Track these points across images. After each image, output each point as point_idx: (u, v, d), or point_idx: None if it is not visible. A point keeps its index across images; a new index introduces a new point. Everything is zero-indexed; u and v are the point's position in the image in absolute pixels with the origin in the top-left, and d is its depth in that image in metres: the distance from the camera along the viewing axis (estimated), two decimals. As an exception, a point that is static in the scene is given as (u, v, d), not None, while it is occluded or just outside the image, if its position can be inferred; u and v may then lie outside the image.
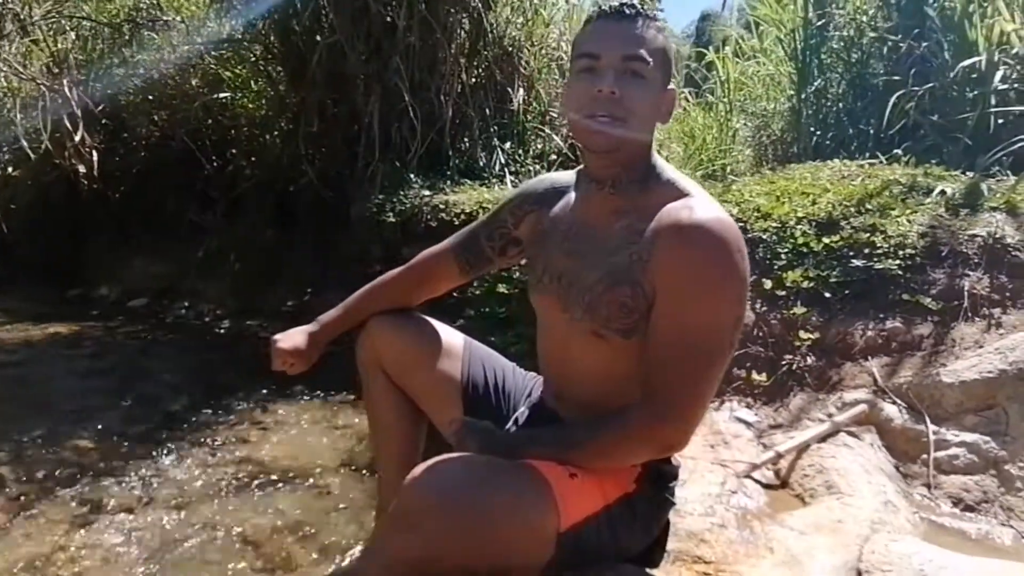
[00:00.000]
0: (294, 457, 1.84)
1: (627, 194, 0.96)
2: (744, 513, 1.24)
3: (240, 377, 2.51)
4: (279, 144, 3.60)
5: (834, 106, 3.84)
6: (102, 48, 3.99)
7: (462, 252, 1.21)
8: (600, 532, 0.95)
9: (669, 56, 0.95)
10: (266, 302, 3.39)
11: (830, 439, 1.47)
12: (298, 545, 1.44)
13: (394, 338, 1.19)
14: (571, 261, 1.00)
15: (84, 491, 1.63)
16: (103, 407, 2.21)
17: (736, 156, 4.61)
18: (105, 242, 4.16)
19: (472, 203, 2.78)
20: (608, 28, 0.93)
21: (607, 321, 0.95)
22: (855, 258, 1.82)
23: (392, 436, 1.26)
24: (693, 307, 0.88)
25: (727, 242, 0.87)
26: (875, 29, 3.61)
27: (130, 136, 4.11)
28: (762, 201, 2.09)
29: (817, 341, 1.71)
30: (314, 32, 3.21)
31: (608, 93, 0.89)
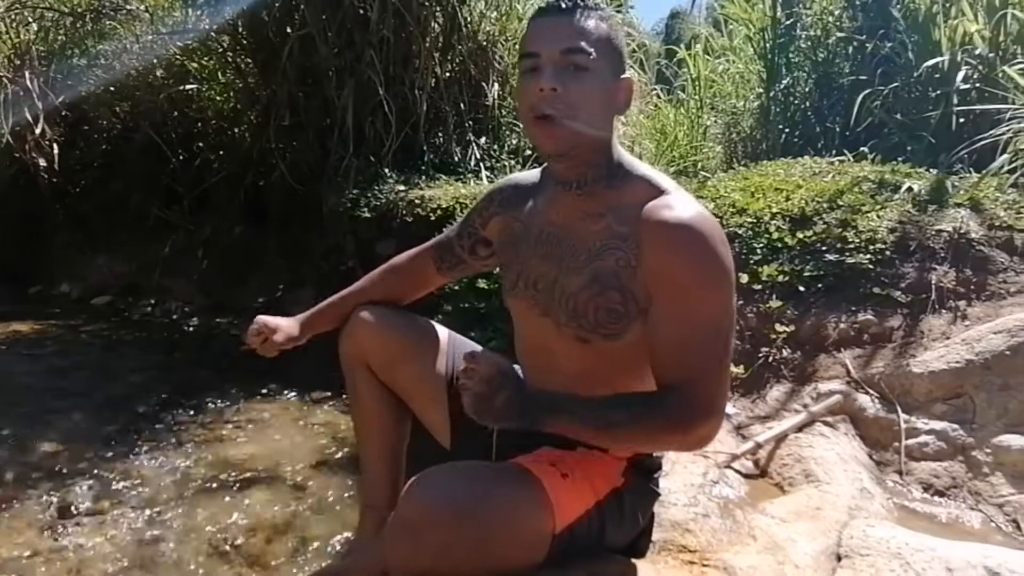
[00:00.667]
0: (269, 455, 1.81)
1: (596, 194, 0.95)
2: (726, 502, 1.26)
3: (211, 375, 2.46)
4: (248, 138, 3.51)
5: (802, 104, 3.93)
6: (64, 38, 3.84)
7: (437, 251, 1.22)
8: (591, 528, 0.96)
9: (617, 44, 0.93)
10: (236, 299, 3.32)
11: (806, 429, 1.51)
12: (275, 545, 1.42)
13: (378, 332, 1.18)
14: (547, 266, 0.99)
15: (52, 495, 1.58)
16: (69, 408, 2.13)
17: (707, 153, 4.68)
18: (66, 238, 4.02)
19: (448, 198, 2.76)
20: (546, 25, 0.91)
21: (595, 326, 0.95)
22: (828, 253, 1.86)
23: (377, 432, 1.24)
24: (697, 305, 0.88)
25: (713, 236, 0.88)
26: (841, 29, 3.70)
27: (91, 128, 3.97)
28: (737, 197, 2.12)
29: (792, 334, 1.75)
30: (285, 23, 3.15)
31: (549, 90, 0.88)
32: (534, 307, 1.01)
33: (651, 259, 0.89)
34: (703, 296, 0.88)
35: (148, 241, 3.69)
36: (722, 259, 0.88)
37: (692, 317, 0.88)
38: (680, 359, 0.88)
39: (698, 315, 0.87)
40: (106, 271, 3.79)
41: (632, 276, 0.91)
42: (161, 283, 3.54)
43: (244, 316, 3.19)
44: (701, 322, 0.87)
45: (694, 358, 0.87)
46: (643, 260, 0.90)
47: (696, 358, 0.87)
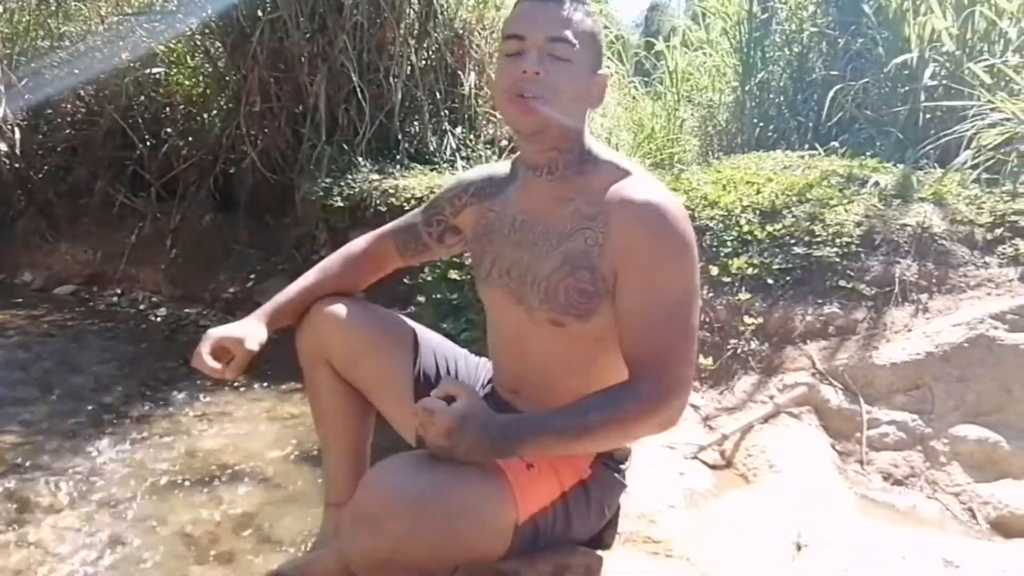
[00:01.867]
0: (237, 449, 1.78)
1: (566, 179, 0.97)
2: (692, 493, 1.27)
3: (179, 367, 2.41)
4: (218, 123, 3.43)
5: (776, 98, 3.97)
6: (28, 19, 3.69)
7: (400, 235, 1.20)
8: (556, 520, 0.96)
9: (598, 40, 0.96)
10: (206, 289, 3.25)
11: (772, 420, 1.53)
12: (241, 540, 1.40)
13: (339, 327, 1.14)
14: (520, 252, 1.00)
15: (10, 489, 1.54)
16: (30, 400, 2.08)
17: (683, 146, 4.71)
18: (28, 225, 3.89)
19: (423, 188, 2.74)
20: (535, 10, 0.93)
21: (566, 308, 0.96)
22: (796, 246, 1.89)
23: (339, 429, 1.22)
24: (662, 279, 0.90)
25: (677, 214, 0.91)
26: (815, 24, 3.74)
27: (54, 112, 3.84)
28: (709, 190, 2.14)
29: (760, 326, 1.77)
30: (255, 5, 3.07)
31: (532, 73, 0.90)
32: (508, 295, 1.02)
33: (617, 236, 0.92)
34: (667, 270, 0.90)
35: (114, 229, 3.59)
36: (684, 235, 0.91)
37: (656, 291, 0.90)
38: (646, 333, 0.90)
39: (662, 289, 0.90)
40: (70, 260, 3.68)
41: (601, 254, 0.93)
42: (127, 272, 3.46)
43: (213, 307, 3.14)
44: (665, 296, 0.90)
45: (660, 331, 0.89)
46: (610, 237, 0.92)
47: (662, 331, 0.89)
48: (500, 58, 0.96)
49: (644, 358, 0.89)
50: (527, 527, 0.92)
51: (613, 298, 0.93)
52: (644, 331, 0.90)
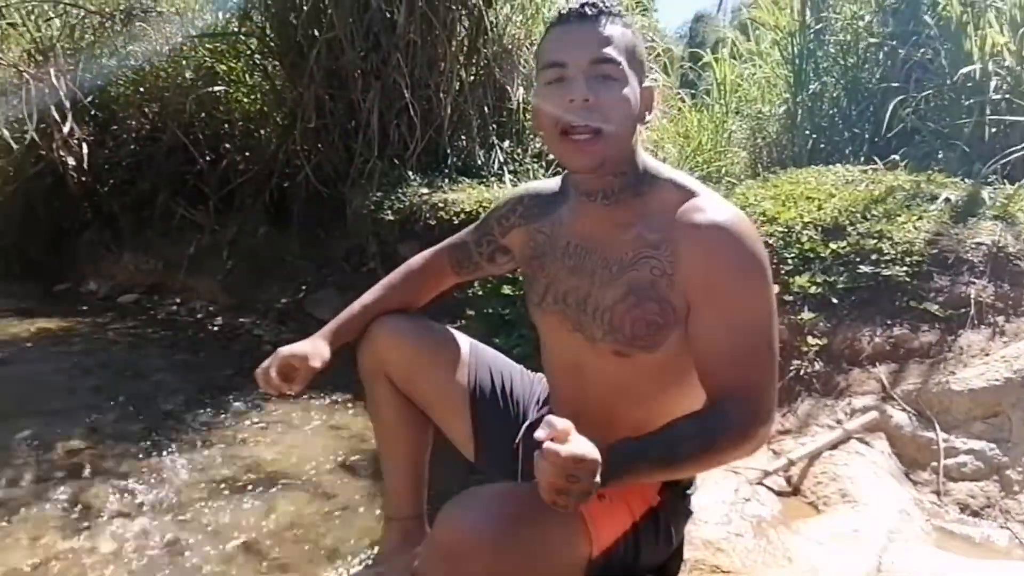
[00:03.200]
0: (291, 458, 1.81)
1: (624, 203, 0.93)
2: (759, 521, 1.23)
3: (235, 375, 2.48)
4: (274, 140, 3.54)
5: (830, 110, 3.87)
6: (91, 38, 3.90)
7: (454, 253, 1.21)
8: (627, 550, 0.94)
9: (640, 52, 0.91)
10: (259, 299, 3.34)
11: (841, 446, 1.47)
12: (298, 550, 1.41)
13: (398, 344, 1.15)
14: (578, 279, 0.97)
15: (76, 495, 1.59)
16: (94, 406, 2.16)
17: (731, 158, 4.63)
18: (94, 236, 4.08)
19: (471, 202, 2.76)
20: (571, 33, 0.88)
21: (632, 340, 0.92)
22: (862, 264, 1.82)
23: (398, 443, 1.22)
24: (741, 305, 0.86)
25: (748, 234, 0.87)
26: (872, 34, 3.63)
27: (120, 128, 4.03)
28: (768, 205, 2.09)
29: (824, 347, 1.71)
30: (313, 26, 3.16)
31: (582, 101, 0.85)
32: (565, 321, 0.99)
33: (688, 265, 0.88)
34: (746, 299, 0.86)
35: (174, 240, 3.73)
36: (759, 256, 0.87)
37: (738, 322, 0.86)
38: (731, 366, 0.86)
39: (743, 319, 0.86)
40: (132, 269, 3.84)
41: (670, 284, 0.89)
42: (186, 282, 3.59)
43: (266, 317, 3.22)
44: (747, 326, 0.86)
45: (746, 363, 0.85)
46: (679, 267, 0.88)
47: (748, 363, 0.85)
48: (540, 89, 0.90)
49: (729, 387, 0.86)
50: (599, 560, 0.90)
51: (684, 327, 0.90)
52: (727, 360, 0.86)
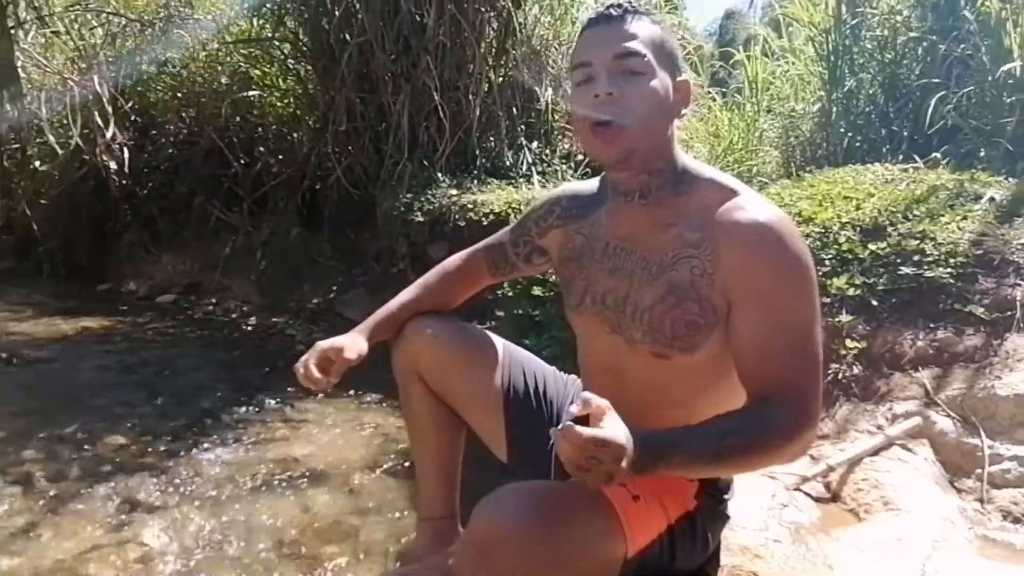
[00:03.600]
0: (324, 456, 1.83)
1: (663, 202, 0.92)
2: (798, 528, 1.20)
3: (268, 374, 2.53)
4: (307, 142, 3.60)
5: (866, 107, 3.78)
6: (132, 45, 4.02)
7: (490, 254, 1.21)
8: (663, 553, 0.93)
9: (670, 47, 0.91)
10: (291, 299, 3.40)
11: (883, 452, 1.43)
12: (332, 547, 1.43)
13: (431, 345, 1.16)
14: (616, 280, 0.96)
15: (119, 489, 1.63)
16: (136, 403, 2.21)
17: (763, 157, 4.55)
18: (134, 238, 4.20)
19: (500, 203, 2.76)
20: (597, 34, 0.90)
21: (671, 341, 0.91)
22: (903, 265, 1.77)
23: (431, 443, 1.23)
24: (783, 307, 0.85)
25: (790, 233, 0.86)
26: (910, 29, 3.54)
27: (159, 133, 4.14)
28: (804, 205, 2.05)
29: (864, 350, 1.67)
30: (344, 31, 3.21)
31: (605, 95, 0.86)
32: (603, 323, 0.98)
33: (729, 264, 0.86)
34: (789, 298, 0.85)
35: (210, 242, 3.82)
36: (801, 255, 0.86)
37: (781, 322, 0.84)
38: (772, 366, 0.85)
39: (786, 319, 0.84)
40: (170, 270, 3.95)
41: (710, 284, 0.88)
42: (221, 282, 3.67)
43: (298, 317, 3.28)
44: (790, 326, 0.84)
45: (788, 365, 0.84)
46: (720, 266, 0.87)
47: (790, 364, 0.84)
48: (572, 91, 0.93)
49: (771, 387, 0.84)
50: (634, 561, 0.89)
51: (725, 328, 0.88)
52: (769, 362, 0.85)
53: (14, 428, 1.98)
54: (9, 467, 1.73)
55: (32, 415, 2.09)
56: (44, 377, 2.51)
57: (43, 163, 4.14)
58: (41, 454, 1.81)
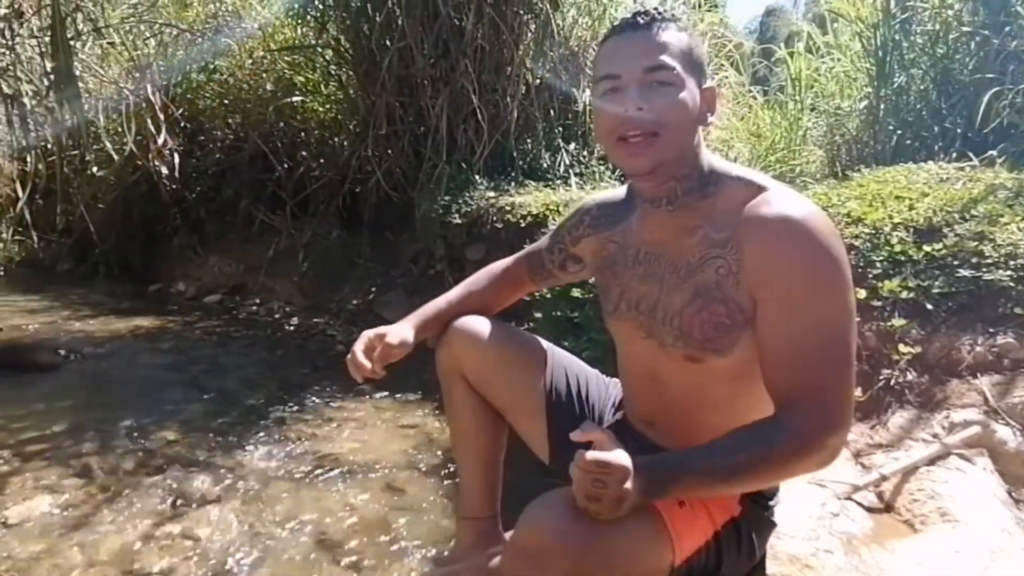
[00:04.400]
0: (364, 454, 1.86)
1: (689, 206, 0.91)
2: (850, 538, 1.16)
3: (311, 373, 2.58)
4: (347, 147, 3.67)
5: (917, 104, 3.64)
6: (183, 54, 4.16)
7: (530, 262, 1.23)
8: (708, 561, 0.91)
9: (697, 55, 0.90)
10: (332, 300, 3.47)
11: (939, 462, 1.37)
12: (372, 544, 1.45)
13: (475, 346, 1.17)
14: (648, 286, 0.96)
15: (169, 482, 1.69)
16: (185, 400, 2.29)
17: (807, 157, 4.44)
18: (183, 240, 4.36)
19: (538, 205, 2.76)
20: (624, 43, 0.88)
21: (703, 344, 0.90)
22: (961, 268, 1.69)
23: (473, 443, 1.24)
24: (811, 304, 0.82)
25: (819, 227, 0.82)
26: (962, 24, 3.40)
27: (207, 139, 4.28)
28: (853, 206, 1.98)
29: (918, 356, 1.60)
30: (385, 36, 3.26)
31: (635, 110, 0.85)
32: (638, 328, 0.98)
33: (753, 260, 0.84)
34: (816, 295, 0.81)
35: (254, 244, 3.93)
36: (831, 250, 0.82)
37: (803, 316, 0.81)
38: (793, 364, 0.82)
39: (809, 313, 0.81)
40: (217, 272, 4.07)
41: (735, 284, 0.86)
42: (265, 283, 3.77)
43: (338, 317, 3.34)
44: (816, 324, 0.81)
45: (810, 361, 0.81)
46: (745, 263, 0.85)
47: (813, 361, 0.81)
48: (596, 100, 0.91)
49: (793, 393, 0.81)
50: (682, 567, 0.88)
51: (753, 329, 0.86)
52: (791, 363, 0.82)
53: (75, 421, 2.07)
54: (70, 459, 1.81)
55: (90, 409, 2.19)
56: (101, 373, 2.62)
57: (100, 168, 4.33)
58: (98, 447, 1.89)
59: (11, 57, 3.47)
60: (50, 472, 1.72)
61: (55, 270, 5.08)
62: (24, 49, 3.66)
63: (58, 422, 2.05)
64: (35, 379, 2.49)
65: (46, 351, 2.70)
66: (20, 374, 2.52)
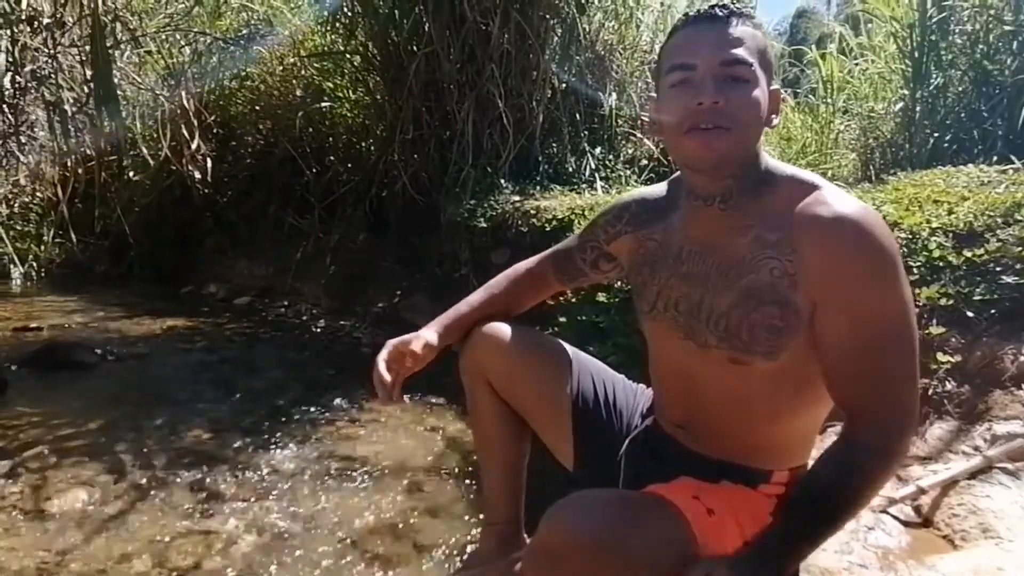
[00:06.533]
0: (389, 456, 1.87)
1: (742, 206, 0.89)
2: (885, 553, 1.13)
3: (337, 374, 2.61)
4: (374, 151, 3.71)
5: (955, 106, 3.54)
6: (216, 62, 4.27)
7: (558, 259, 1.21)
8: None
9: (769, 54, 0.88)
10: (358, 303, 3.51)
11: (981, 476, 1.32)
12: (396, 546, 1.45)
13: (499, 350, 1.16)
14: (691, 286, 0.93)
15: (198, 480, 1.71)
16: (216, 399, 2.33)
17: (839, 161, 4.35)
18: (214, 243, 4.45)
19: (563, 209, 2.75)
20: (701, 34, 0.86)
21: (749, 345, 0.87)
22: (1004, 274, 1.63)
23: (497, 449, 1.23)
24: (871, 304, 0.80)
25: (876, 226, 0.81)
26: (1003, 23, 3.29)
27: (238, 144, 4.38)
28: (888, 209, 1.93)
29: (958, 365, 1.55)
30: (412, 42, 3.29)
31: (711, 104, 0.82)
32: (675, 328, 0.96)
33: (812, 262, 0.82)
34: (878, 295, 0.80)
35: (283, 247, 4.00)
36: (889, 249, 0.81)
37: (868, 319, 0.80)
38: (862, 368, 0.81)
39: (874, 315, 0.80)
40: (247, 274, 4.15)
41: (792, 285, 0.84)
42: (293, 286, 3.83)
43: (364, 320, 3.37)
44: (881, 323, 0.80)
45: (878, 364, 0.80)
46: (802, 265, 0.83)
47: (880, 364, 0.80)
48: (664, 91, 0.88)
49: (865, 399, 0.80)
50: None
51: (809, 332, 0.84)
52: (860, 367, 0.81)
53: (110, 418, 2.13)
54: (104, 455, 1.85)
55: (125, 406, 2.24)
56: (135, 372, 2.68)
57: (136, 173, 4.46)
58: (131, 444, 1.93)
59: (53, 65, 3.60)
60: (86, 468, 1.76)
61: (92, 272, 5.23)
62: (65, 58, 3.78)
63: (94, 419, 2.10)
64: (73, 377, 2.57)
65: (84, 350, 2.78)
66: (59, 372, 2.60)
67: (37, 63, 3.61)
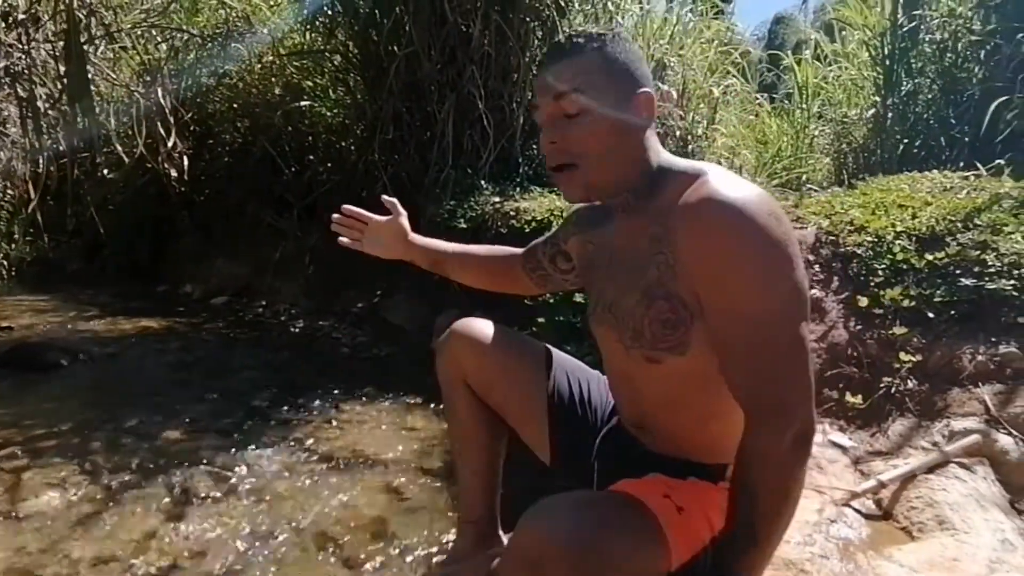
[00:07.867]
0: (367, 456, 1.87)
1: (641, 209, 0.92)
2: (846, 544, 1.16)
3: (314, 375, 2.59)
4: (355, 151, 3.70)
5: (924, 112, 3.65)
6: (193, 58, 4.22)
7: (526, 252, 1.27)
8: (706, 564, 0.91)
9: (620, 65, 0.87)
10: (337, 303, 3.49)
11: (939, 470, 1.37)
12: (372, 545, 1.45)
13: (476, 350, 1.18)
14: (614, 288, 0.97)
15: (174, 481, 1.70)
16: (191, 399, 2.31)
17: (813, 165, 4.45)
18: (190, 242, 4.40)
19: (542, 210, 2.78)
20: (541, 75, 0.90)
21: (654, 343, 0.89)
22: (963, 277, 1.69)
23: (474, 447, 1.25)
24: (746, 294, 0.78)
25: (750, 208, 0.76)
26: (971, 32, 3.40)
27: (216, 142, 4.33)
28: (856, 214, 1.99)
29: (919, 364, 1.60)
30: (392, 42, 3.29)
31: (548, 145, 0.87)
32: (611, 331, 0.98)
33: (685, 250, 0.82)
34: (754, 286, 0.77)
35: (261, 246, 3.96)
36: (765, 230, 0.76)
37: (744, 309, 0.77)
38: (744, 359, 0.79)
39: (748, 301, 0.77)
40: (224, 273, 4.11)
41: (674, 278, 0.85)
42: (271, 286, 3.79)
43: (343, 320, 3.36)
44: (759, 313, 0.77)
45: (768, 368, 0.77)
46: (678, 254, 0.83)
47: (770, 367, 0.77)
48: None
49: (753, 393, 0.79)
50: (678, 573, 0.88)
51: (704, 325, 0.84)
52: (745, 368, 0.79)
53: (83, 419, 2.10)
54: (77, 457, 1.83)
55: (98, 407, 2.21)
56: (108, 373, 2.65)
57: (110, 171, 4.39)
58: (105, 445, 1.91)
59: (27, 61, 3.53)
60: (58, 469, 1.74)
61: (65, 270, 5.13)
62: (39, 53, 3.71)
63: (66, 420, 2.08)
64: (45, 378, 2.53)
65: (56, 351, 2.73)
66: (30, 373, 2.55)
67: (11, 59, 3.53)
